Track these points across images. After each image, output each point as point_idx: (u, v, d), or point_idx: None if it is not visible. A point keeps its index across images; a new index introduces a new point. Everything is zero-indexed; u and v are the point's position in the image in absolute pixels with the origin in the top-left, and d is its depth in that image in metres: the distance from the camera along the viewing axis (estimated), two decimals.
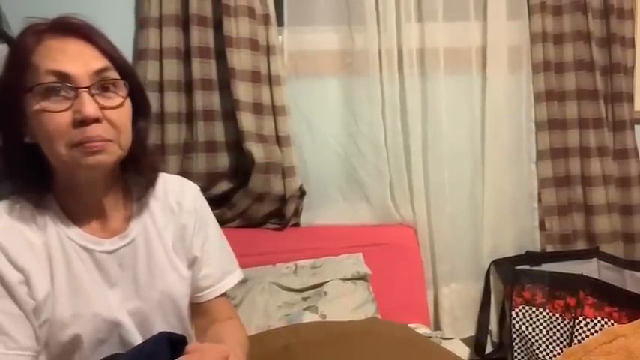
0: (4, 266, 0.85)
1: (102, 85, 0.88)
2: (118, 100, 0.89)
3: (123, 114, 0.90)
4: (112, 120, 0.88)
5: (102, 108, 0.86)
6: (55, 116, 0.84)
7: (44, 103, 0.84)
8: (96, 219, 0.95)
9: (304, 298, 1.70)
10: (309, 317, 1.60)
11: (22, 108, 0.86)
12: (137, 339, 0.96)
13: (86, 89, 0.85)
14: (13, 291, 0.85)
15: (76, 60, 0.86)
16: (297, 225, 2.02)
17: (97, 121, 0.85)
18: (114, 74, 0.90)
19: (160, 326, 0.99)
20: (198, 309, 1.09)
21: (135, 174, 1.00)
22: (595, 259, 2.10)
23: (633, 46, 2.17)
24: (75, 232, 0.93)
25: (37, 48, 0.86)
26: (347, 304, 1.68)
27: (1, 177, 0.91)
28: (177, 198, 1.05)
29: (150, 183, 1.01)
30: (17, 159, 0.90)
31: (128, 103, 0.92)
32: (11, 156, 0.90)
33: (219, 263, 1.10)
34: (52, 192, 0.93)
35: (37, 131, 0.86)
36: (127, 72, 0.92)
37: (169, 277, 1.01)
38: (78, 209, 0.94)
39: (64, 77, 0.85)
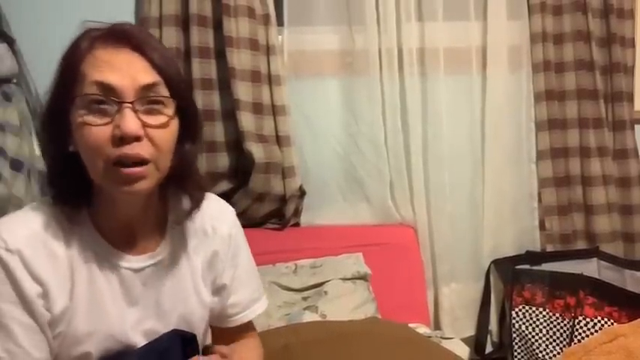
0: (23, 279, 0.82)
1: (148, 102, 0.82)
2: (162, 119, 0.83)
3: (166, 134, 0.84)
4: (154, 139, 0.82)
5: (144, 125, 0.81)
6: (95, 130, 0.80)
7: (86, 115, 0.80)
8: (127, 235, 0.91)
9: (304, 298, 1.70)
10: (309, 317, 1.60)
11: (68, 116, 0.82)
12: None
13: (130, 104, 0.80)
14: (30, 304, 0.83)
15: (124, 72, 0.81)
16: (297, 225, 2.02)
17: (137, 139, 0.80)
18: (163, 91, 0.84)
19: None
20: (220, 333, 1.08)
21: (178, 197, 0.96)
22: (595, 259, 2.10)
23: (633, 45, 2.17)
24: (103, 247, 0.89)
25: (87, 56, 0.82)
26: (347, 303, 1.68)
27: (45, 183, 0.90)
28: (213, 222, 1.00)
29: (195, 206, 0.95)
30: (59, 166, 0.87)
31: (175, 123, 0.86)
32: (54, 163, 0.88)
33: (248, 291, 1.07)
34: (87, 204, 0.89)
35: (78, 142, 0.83)
36: (178, 90, 0.86)
37: (191, 302, 0.98)
38: (110, 224, 0.90)
39: (108, 90, 0.80)
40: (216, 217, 1.01)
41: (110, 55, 0.82)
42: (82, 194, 0.88)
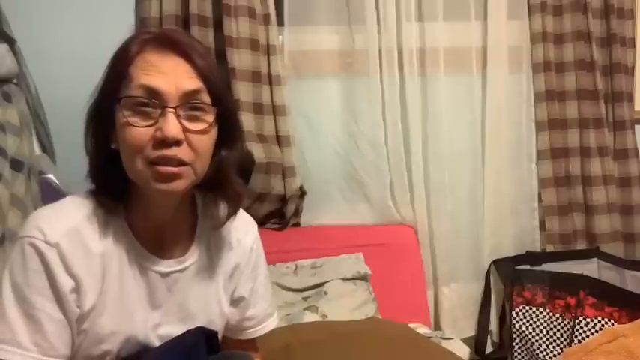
0: (59, 272, 0.83)
1: (190, 107, 0.85)
2: (202, 125, 0.85)
3: (205, 140, 0.86)
4: (193, 144, 0.84)
5: (185, 130, 0.83)
6: (138, 131, 0.82)
7: (130, 116, 0.83)
8: (157, 238, 0.93)
9: (304, 298, 1.70)
10: (309, 317, 1.60)
11: (113, 114, 0.85)
12: None
13: (173, 109, 0.82)
14: (63, 298, 0.84)
15: (169, 78, 0.83)
16: (297, 225, 2.02)
17: (177, 143, 0.82)
18: (205, 98, 0.86)
19: None
20: (230, 343, 1.08)
21: (209, 204, 0.98)
22: (595, 259, 2.11)
23: (633, 45, 2.17)
24: (135, 247, 0.90)
25: (136, 59, 0.84)
26: (347, 304, 1.68)
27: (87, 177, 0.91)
28: (238, 234, 1.02)
29: (232, 213, 0.96)
30: (101, 162, 0.89)
31: (214, 129, 0.88)
32: (97, 158, 0.89)
33: (264, 306, 1.08)
34: (123, 202, 0.91)
35: (120, 141, 0.85)
36: (219, 97, 0.88)
37: (213, 310, 1.00)
38: (143, 224, 0.91)
39: (153, 93, 0.83)
40: (241, 229, 1.03)
41: (158, 59, 0.84)
42: (120, 192, 0.89)
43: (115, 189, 0.89)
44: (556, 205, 2.14)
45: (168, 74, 0.83)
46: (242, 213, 1.04)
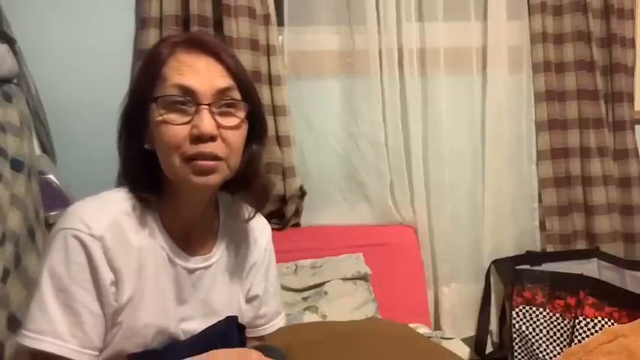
0: (101, 265, 0.85)
1: (222, 104, 0.89)
2: (235, 121, 0.90)
3: (238, 135, 0.91)
4: (227, 139, 0.88)
5: (219, 127, 0.87)
6: (174, 128, 0.86)
7: (166, 114, 0.86)
8: (186, 235, 0.96)
9: (304, 298, 1.70)
10: (309, 317, 1.60)
11: (147, 115, 0.88)
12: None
13: (207, 106, 0.86)
14: (103, 291, 0.85)
15: (203, 77, 0.87)
16: (297, 225, 2.02)
17: (212, 138, 0.86)
18: (236, 95, 0.90)
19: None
20: None
21: (240, 200, 1.02)
22: (595, 259, 2.11)
23: (633, 46, 2.17)
24: (168, 243, 0.93)
25: (169, 60, 0.88)
26: (347, 304, 1.68)
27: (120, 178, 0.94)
28: (256, 234, 1.07)
29: (260, 206, 1.02)
30: (135, 163, 0.91)
31: (245, 125, 0.93)
32: (130, 159, 0.92)
33: (274, 305, 1.12)
34: (158, 199, 0.93)
35: (155, 140, 0.88)
36: (249, 95, 0.93)
37: (234, 308, 1.03)
38: (173, 221, 0.94)
39: (188, 92, 0.86)
40: (258, 229, 1.08)
41: (191, 59, 0.88)
42: (154, 190, 0.92)
43: (149, 187, 0.91)
44: (556, 205, 2.14)
45: (202, 73, 0.87)
46: (259, 215, 1.08)
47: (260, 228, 1.09)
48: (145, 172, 0.91)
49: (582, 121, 2.13)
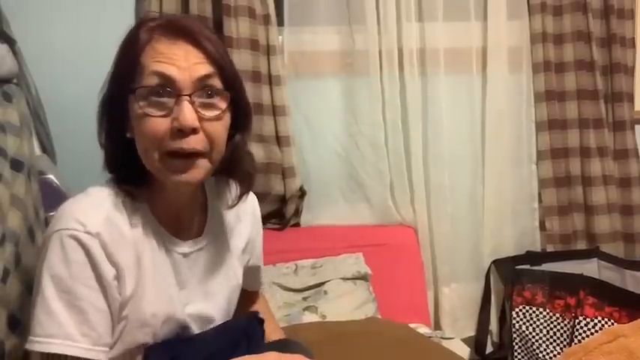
0: (102, 261, 0.84)
1: (203, 94, 0.86)
2: (217, 112, 0.87)
3: (220, 126, 0.88)
4: (208, 131, 0.86)
5: (200, 119, 0.85)
6: (155, 121, 0.83)
7: (146, 107, 0.83)
8: (176, 222, 0.96)
9: (304, 298, 1.70)
10: (309, 317, 1.60)
11: (127, 104, 0.86)
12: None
13: (187, 97, 0.83)
14: (107, 287, 0.85)
15: (181, 64, 0.84)
16: (297, 225, 2.02)
17: (194, 131, 0.84)
18: (217, 82, 0.87)
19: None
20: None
21: (226, 183, 1.04)
22: (595, 259, 2.10)
23: (634, 46, 2.17)
24: (160, 231, 0.93)
25: (146, 47, 0.85)
26: (347, 304, 1.68)
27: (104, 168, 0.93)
28: (245, 208, 1.09)
29: (244, 192, 1.02)
30: (118, 152, 0.90)
31: (228, 115, 0.90)
32: (113, 150, 0.90)
33: (261, 260, 1.20)
34: (145, 190, 0.92)
35: (135, 132, 0.86)
36: (232, 82, 0.90)
37: (232, 283, 1.05)
38: (163, 209, 0.94)
39: (167, 80, 0.83)
40: (248, 201, 1.09)
41: (168, 47, 0.84)
42: (140, 181, 0.91)
43: (134, 177, 0.90)
44: (556, 205, 2.14)
45: (180, 61, 0.84)
46: None
47: (248, 200, 1.08)
48: (129, 163, 0.89)
49: (582, 121, 2.13)
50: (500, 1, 2.06)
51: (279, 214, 1.98)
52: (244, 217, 1.08)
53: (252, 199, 1.11)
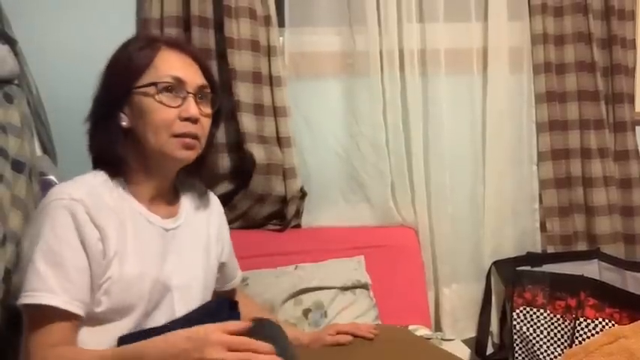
0: (85, 223, 0.97)
1: (201, 96, 1.09)
2: (209, 111, 1.11)
3: (209, 121, 1.12)
4: (202, 124, 1.09)
5: (200, 113, 1.07)
6: (168, 110, 1.04)
7: (163, 98, 1.04)
8: (156, 201, 1.12)
9: (305, 314, 1.66)
10: None
11: (131, 97, 1.05)
12: (182, 312, 1.09)
13: (193, 95, 1.07)
14: (89, 247, 0.97)
15: (189, 72, 1.08)
16: (298, 226, 2.02)
17: (196, 121, 1.06)
18: (208, 92, 1.12)
19: (198, 303, 1.13)
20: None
21: (200, 169, 1.18)
22: (596, 260, 2.10)
23: (634, 47, 2.17)
24: (141, 208, 1.08)
25: (159, 54, 1.06)
26: (348, 315, 1.66)
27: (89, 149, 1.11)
28: (211, 201, 1.27)
29: (209, 177, 1.28)
30: (115, 140, 1.06)
31: (210, 119, 1.13)
32: (110, 137, 1.06)
33: (235, 262, 1.36)
34: (122, 175, 1.08)
35: (144, 118, 1.04)
36: (216, 91, 1.14)
37: (210, 263, 1.21)
38: (144, 192, 1.09)
39: (179, 81, 1.06)
40: (210, 197, 1.28)
41: (178, 56, 1.09)
42: (121, 163, 1.07)
43: (121, 162, 1.07)
44: (557, 206, 2.14)
45: (188, 69, 1.08)
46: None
47: (211, 196, 1.28)
48: (119, 149, 1.06)
49: (583, 122, 2.13)
50: (500, 1, 2.07)
51: (280, 215, 1.98)
52: (212, 210, 1.26)
53: (216, 200, 1.30)
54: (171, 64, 1.06)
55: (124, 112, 1.06)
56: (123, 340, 0.98)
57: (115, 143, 1.06)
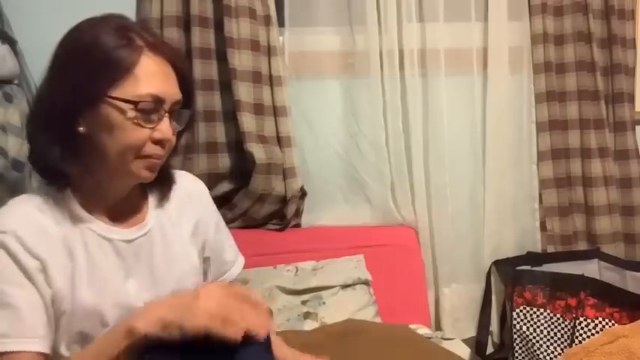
0: (22, 255, 0.88)
1: (175, 113, 0.97)
2: (180, 127, 0.99)
3: (175, 138, 0.98)
4: (171, 142, 0.96)
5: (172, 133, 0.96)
6: (141, 130, 0.91)
7: (139, 118, 0.90)
8: (116, 213, 1.00)
9: (303, 302, 1.68)
10: (310, 325, 1.59)
11: (98, 104, 0.89)
12: None
13: (168, 114, 0.94)
14: (33, 278, 0.88)
15: (167, 86, 0.94)
16: (298, 226, 2.02)
17: (168, 141, 0.95)
18: (181, 106, 0.98)
19: None
20: None
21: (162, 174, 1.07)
22: (596, 260, 2.10)
23: (634, 46, 2.17)
24: (94, 224, 0.97)
25: (140, 59, 0.90)
26: (347, 308, 1.67)
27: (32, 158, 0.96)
28: (187, 190, 1.13)
29: (166, 193, 1.08)
30: (67, 144, 0.92)
31: None
32: (61, 141, 0.91)
33: (233, 247, 1.22)
34: (70, 187, 0.96)
35: (112, 135, 0.90)
36: (191, 100, 1.01)
37: (184, 267, 1.07)
38: (99, 203, 0.98)
39: (158, 100, 0.92)
40: (188, 185, 1.14)
41: (159, 66, 0.93)
42: (69, 174, 0.94)
43: (64, 171, 0.93)
44: (557, 206, 2.14)
45: (166, 83, 0.94)
46: (184, 173, 1.16)
47: (190, 183, 1.15)
48: (74, 161, 0.92)
49: (583, 121, 2.13)
50: (500, 1, 2.06)
51: (280, 215, 1.98)
52: (192, 200, 1.12)
53: (198, 184, 1.17)
54: (153, 77, 0.91)
55: (83, 116, 0.90)
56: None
57: (71, 154, 0.92)
